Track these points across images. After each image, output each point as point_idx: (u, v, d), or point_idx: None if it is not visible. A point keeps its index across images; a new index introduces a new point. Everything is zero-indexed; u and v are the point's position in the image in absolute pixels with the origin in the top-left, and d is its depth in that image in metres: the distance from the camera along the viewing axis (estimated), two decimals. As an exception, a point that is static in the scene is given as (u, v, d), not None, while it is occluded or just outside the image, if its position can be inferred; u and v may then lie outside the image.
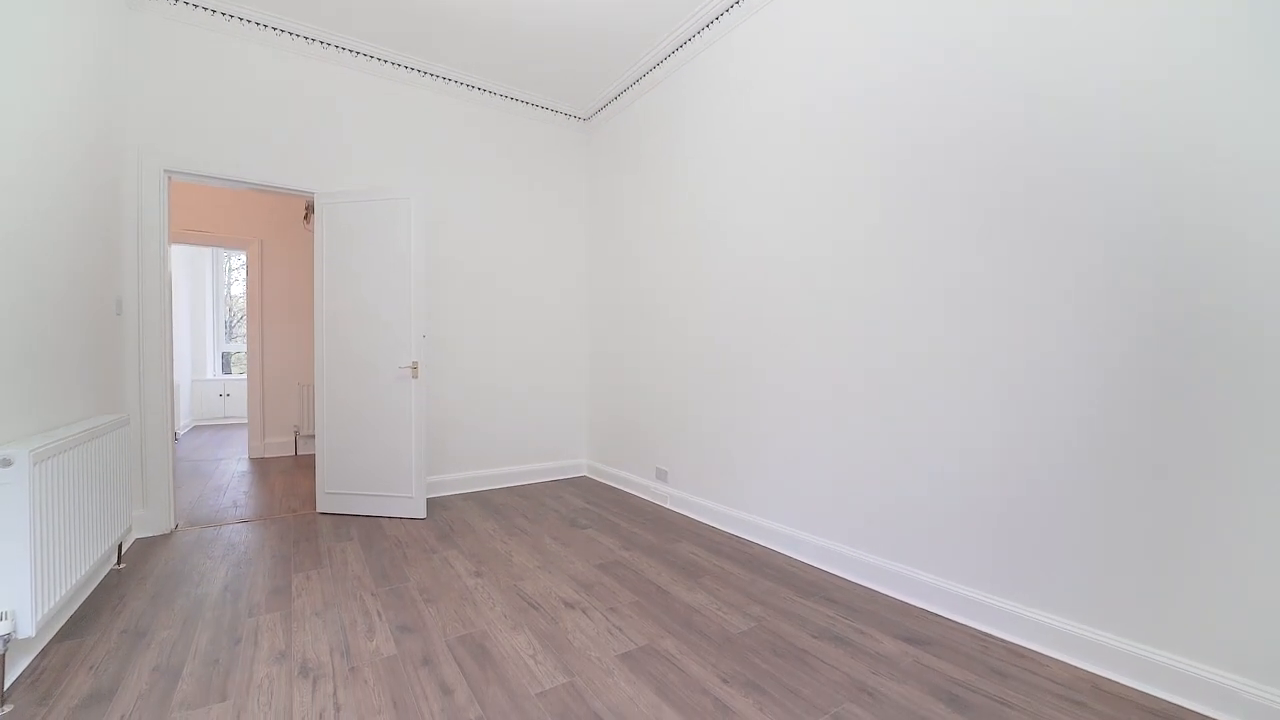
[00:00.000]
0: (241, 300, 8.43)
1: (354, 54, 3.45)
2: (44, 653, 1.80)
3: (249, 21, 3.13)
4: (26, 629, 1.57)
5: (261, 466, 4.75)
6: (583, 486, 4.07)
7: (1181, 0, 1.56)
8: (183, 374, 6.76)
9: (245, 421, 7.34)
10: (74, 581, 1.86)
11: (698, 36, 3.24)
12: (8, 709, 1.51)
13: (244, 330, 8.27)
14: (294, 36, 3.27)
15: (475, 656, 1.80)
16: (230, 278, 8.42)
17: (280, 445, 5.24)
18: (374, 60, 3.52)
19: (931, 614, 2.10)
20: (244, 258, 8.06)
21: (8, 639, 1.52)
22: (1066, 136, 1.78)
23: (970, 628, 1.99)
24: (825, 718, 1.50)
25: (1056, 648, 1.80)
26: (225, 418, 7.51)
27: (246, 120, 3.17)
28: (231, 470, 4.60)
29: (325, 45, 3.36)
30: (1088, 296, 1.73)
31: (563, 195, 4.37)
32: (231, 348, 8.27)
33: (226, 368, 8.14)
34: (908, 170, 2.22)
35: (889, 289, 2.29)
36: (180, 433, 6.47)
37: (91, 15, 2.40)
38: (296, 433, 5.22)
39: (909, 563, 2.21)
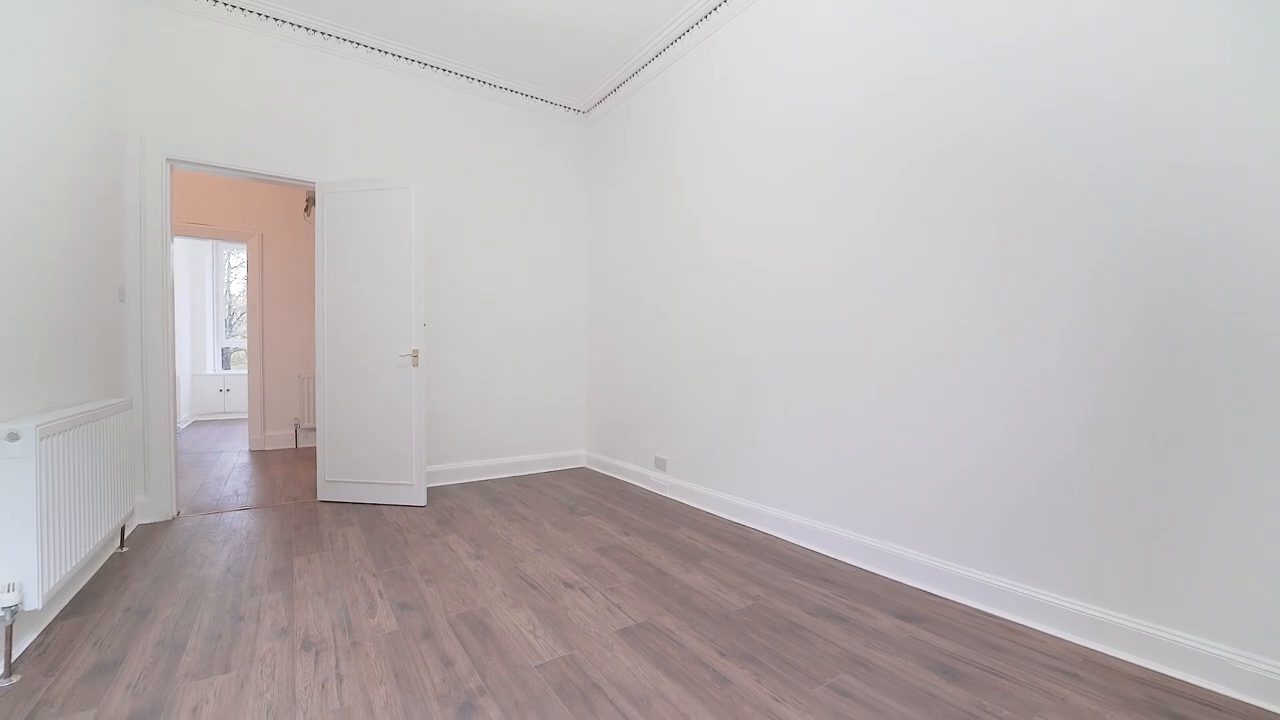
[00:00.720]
0: (240, 298, 8.46)
1: (355, 45, 3.48)
2: (49, 629, 1.82)
3: (250, 11, 3.16)
4: (33, 601, 1.59)
5: (262, 458, 4.76)
6: (582, 476, 4.10)
7: (1175, 13, 1.59)
8: (183, 369, 6.77)
9: (245, 417, 7.36)
10: (79, 558, 1.88)
11: (696, 28, 3.27)
12: (15, 679, 1.53)
13: (243, 328, 8.30)
14: (295, 27, 3.29)
15: (475, 632, 1.82)
16: (230, 275, 8.45)
17: (281, 438, 5.26)
18: (374, 51, 3.55)
19: (927, 593, 2.12)
20: (243, 256, 8.11)
21: (15, 610, 1.54)
22: (1067, 143, 1.79)
23: (966, 605, 2.02)
24: (820, 688, 1.53)
25: (1051, 623, 1.82)
26: (225, 413, 7.52)
27: (248, 110, 3.19)
28: (232, 462, 4.62)
29: (326, 36, 3.39)
30: (1087, 301, 1.75)
31: (562, 187, 4.39)
32: (231, 344, 8.28)
33: (226, 363, 8.15)
34: (910, 175, 2.23)
35: (885, 287, 2.31)
36: (180, 427, 6.48)
37: (94, 5, 2.42)
38: (297, 425, 5.24)
39: (906, 544, 2.24)
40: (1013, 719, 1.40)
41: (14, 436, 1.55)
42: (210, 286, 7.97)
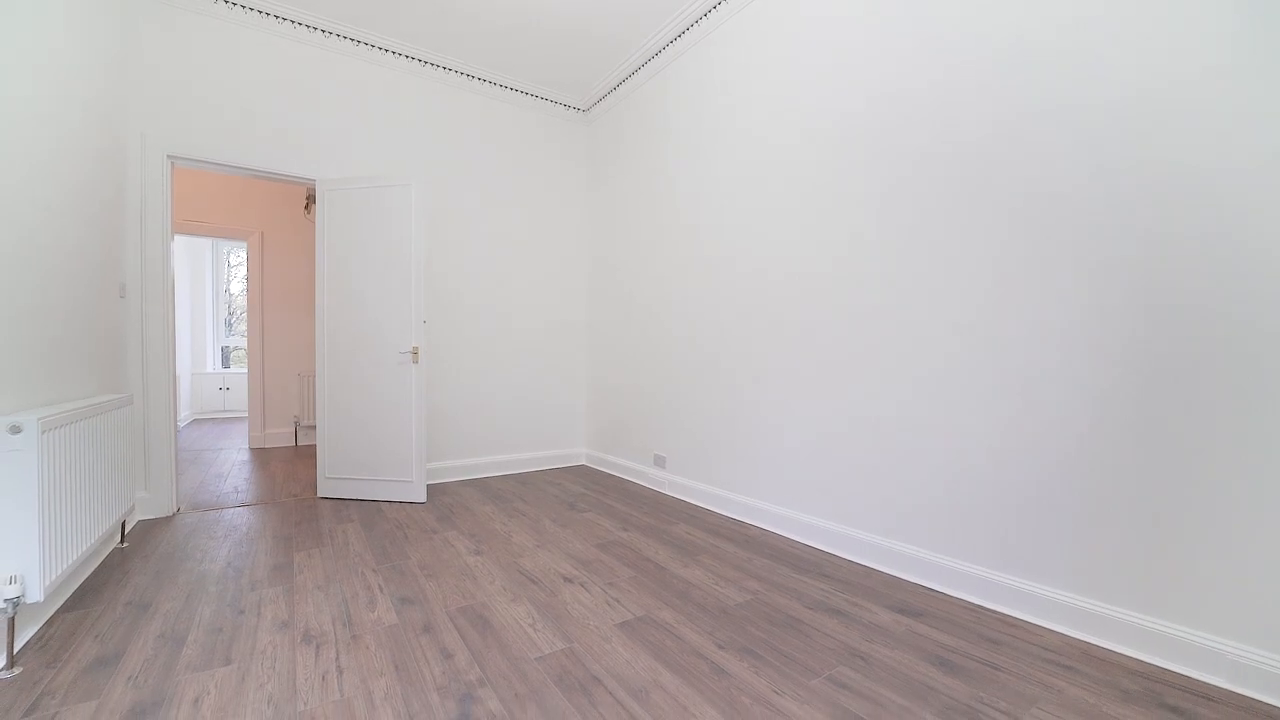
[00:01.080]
0: (240, 297, 8.46)
1: (355, 43, 3.48)
2: (50, 622, 1.83)
3: (251, 9, 3.16)
4: (35, 594, 1.59)
5: (262, 456, 4.77)
6: (581, 474, 4.10)
7: (1175, 13, 1.60)
8: (182, 367, 6.78)
9: (245, 415, 7.37)
10: (80, 552, 1.88)
11: (695, 26, 3.27)
12: (17, 671, 1.54)
13: (243, 327, 8.31)
14: (296, 24, 3.30)
15: (475, 625, 1.83)
16: (229, 274, 8.46)
17: (280, 436, 5.26)
18: (375, 49, 3.56)
19: (927, 588, 2.13)
20: (243, 255, 8.12)
21: (17, 602, 1.54)
22: (1068, 143, 1.80)
23: (965, 601, 2.02)
24: (818, 680, 1.54)
25: (1049, 618, 1.83)
26: (225, 411, 7.52)
27: (248, 107, 3.20)
28: (232, 459, 4.62)
29: (327, 34, 3.39)
30: (1088, 302, 1.76)
31: (562, 185, 4.40)
32: (231, 342, 8.29)
33: (226, 362, 8.16)
34: (911, 176, 2.22)
35: (883, 286, 2.32)
36: (180, 425, 6.48)
37: (98, 4, 2.42)
38: (297, 423, 5.25)
39: (906, 541, 2.25)
40: (1010, 711, 1.41)
41: (16, 429, 1.56)
42: (210, 285, 7.97)
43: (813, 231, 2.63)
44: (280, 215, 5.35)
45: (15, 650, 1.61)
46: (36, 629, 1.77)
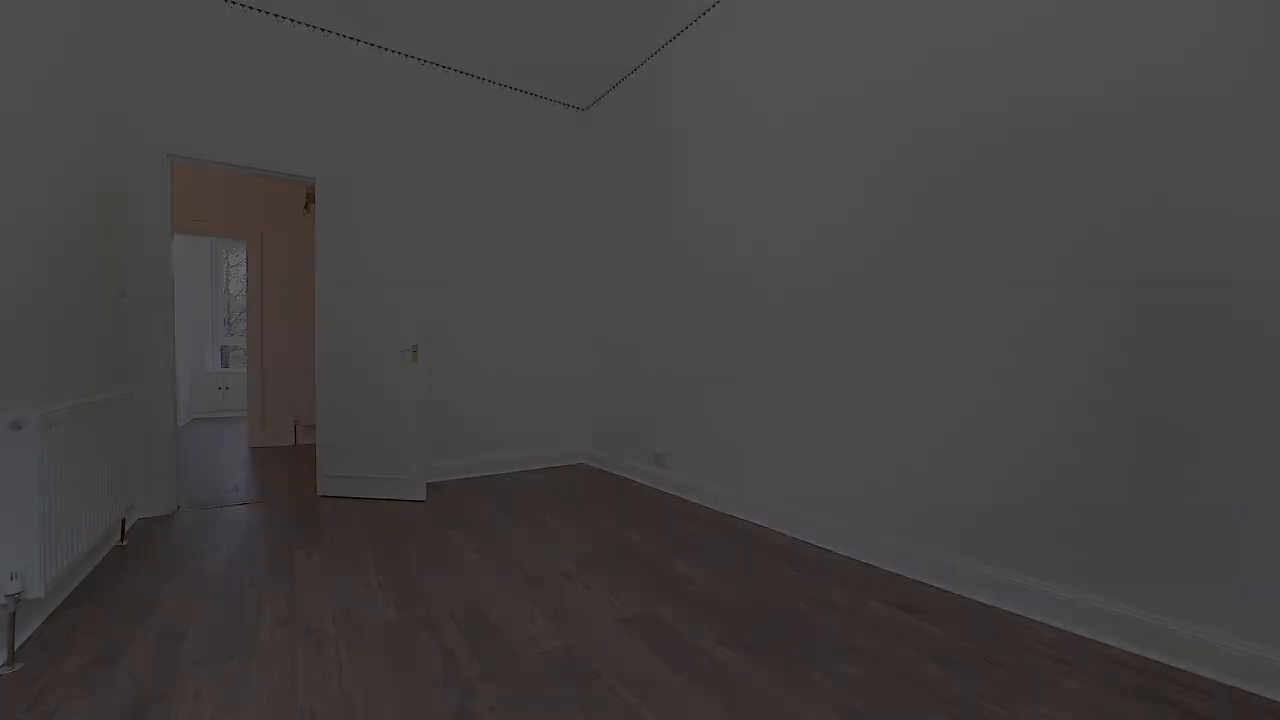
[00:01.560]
0: (239, 298, 8.47)
1: (355, 41, 3.49)
2: (51, 618, 1.83)
3: (251, 8, 3.17)
4: (36, 590, 1.59)
5: (262, 455, 4.77)
6: (581, 472, 4.11)
7: (1181, 17, 1.59)
8: (182, 367, 6.76)
9: (244, 415, 7.35)
10: (81, 548, 1.89)
11: (695, 25, 3.28)
12: (18, 667, 1.54)
13: (242, 326, 8.31)
14: (295, 24, 3.31)
15: (476, 622, 1.83)
16: (229, 274, 8.46)
17: (280, 435, 5.26)
18: (375, 49, 3.56)
19: (927, 585, 2.14)
20: (242, 255, 8.11)
21: (18, 598, 1.55)
22: (1070, 144, 1.80)
23: (965, 597, 2.03)
24: (819, 675, 1.54)
25: (1049, 613, 1.83)
26: (225, 411, 7.52)
27: (248, 106, 3.20)
28: (232, 458, 4.62)
29: (327, 33, 3.40)
30: (1090, 302, 1.76)
31: (563, 184, 4.40)
32: (231, 342, 8.29)
33: (225, 362, 8.15)
34: (913, 179, 2.23)
35: (878, 290, 2.33)
36: (180, 425, 6.48)
37: (99, 4, 2.43)
38: (296, 423, 5.25)
39: (906, 538, 2.25)
40: (1009, 705, 1.41)
41: (18, 425, 1.56)
42: (209, 285, 7.97)
43: (814, 232, 2.63)
44: (280, 215, 5.35)
45: (16, 646, 1.61)
46: (37, 625, 1.77)
